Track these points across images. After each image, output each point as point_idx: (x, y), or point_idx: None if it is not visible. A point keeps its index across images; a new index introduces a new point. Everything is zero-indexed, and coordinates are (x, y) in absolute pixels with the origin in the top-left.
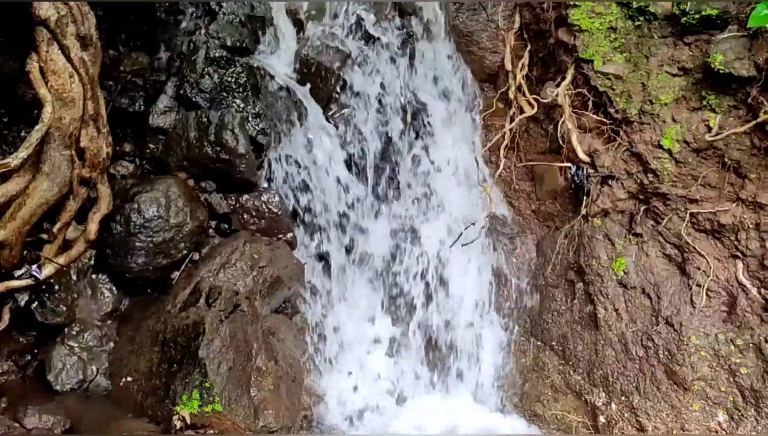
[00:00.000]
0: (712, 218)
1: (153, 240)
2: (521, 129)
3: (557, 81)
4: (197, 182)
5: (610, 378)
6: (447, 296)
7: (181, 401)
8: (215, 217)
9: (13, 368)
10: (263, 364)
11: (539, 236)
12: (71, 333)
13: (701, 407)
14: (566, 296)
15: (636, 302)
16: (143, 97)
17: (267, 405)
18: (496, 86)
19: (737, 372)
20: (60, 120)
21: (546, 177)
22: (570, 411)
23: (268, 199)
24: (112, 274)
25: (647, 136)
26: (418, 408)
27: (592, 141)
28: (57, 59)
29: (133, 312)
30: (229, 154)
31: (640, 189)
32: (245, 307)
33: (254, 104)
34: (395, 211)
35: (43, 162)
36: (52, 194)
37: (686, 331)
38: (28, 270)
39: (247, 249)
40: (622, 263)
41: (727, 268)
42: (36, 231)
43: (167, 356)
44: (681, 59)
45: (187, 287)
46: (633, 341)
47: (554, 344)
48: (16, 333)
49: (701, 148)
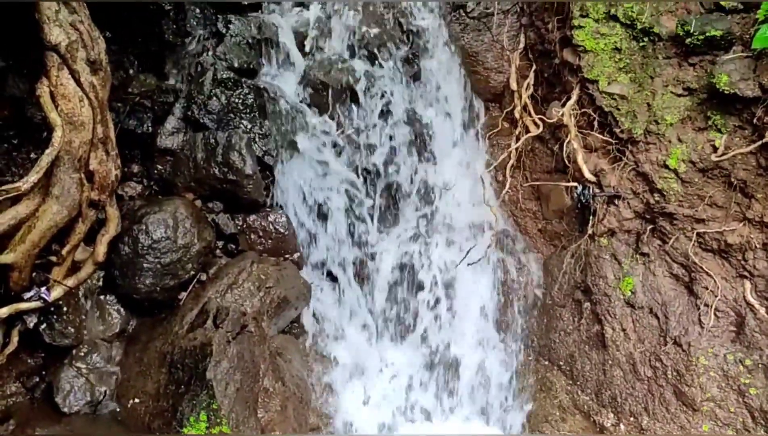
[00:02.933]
0: (719, 237)
1: (161, 261)
2: (527, 148)
3: (563, 101)
4: (204, 203)
5: (619, 399)
6: (453, 315)
7: (189, 423)
8: (222, 237)
9: (21, 389)
10: (270, 385)
11: (546, 255)
12: (79, 354)
13: (711, 428)
14: (573, 316)
15: (644, 322)
16: (151, 118)
17: (274, 426)
18: (501, 106)
19: (746, 393)
20: (70, 144)
21: (552, 196)
22: (578, 432)
23: (275, 220)
24: (120, 295)
25: (653, 156)
26: (425, 429)
27: (597, 161)
28: (67, 84)
29: (140, 333)
30: (236, 175)
31: (646, 209)
32: (252, 327)
33: (261, 125)
34: (401, 229)
35: (53, 185)
36: (62, 217)
37: (695, 351)
38: (37, 292)
39: (255, 269)
40: (630, 283)
41: (734, 288)
42: (45, 253)
43: (175, 377)
44: (686, 80)
45: (194, 307)
46: (641, 361)
47: (562, 364)
48: (25, 355)
49: (707, 168)
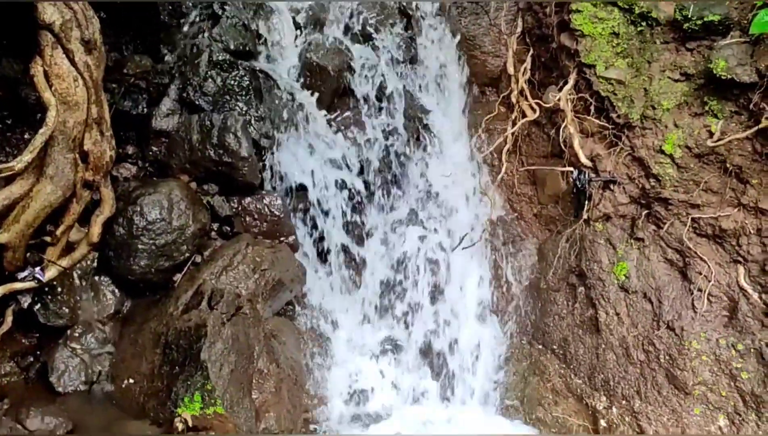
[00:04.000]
0: (714, 223)
1: (155, 242)
2: (523, 133)
3: (559, 85)
4: (200, 185)
5: (611, 382)
6: (448, 299)
7: (183, 404)
8: (217, 219)
9: (16, 369)
10: (265, 366)
11: (541, 239)
12: (74, 335)
13: (702, 411)
14: (567, 300)
15: (637, 307)
16: (146, 99)
17: (268, 408)
18: (498, 90)
19: (738, 377)
20: (64, 124)
21: (548, 181)
22: (571, 415)
23: (270, 202)
24: (115, 276)
25: (649, 141)
26: (419, 412)
27: (594, 145)
28: (61, 63)
29: (135, 314)
30: (231, 157)
31: (641, 194)
32: (247, 309)
33: (257, 108)
34: (397, 213)
35: (47, 165)
36: (56, 197)
37: (687, 335)
38: (31, 272)
39: (250, 252)
40: (624, 268)
41: (728, 273)
42: (39, 234)
43: (169, 358)
44: (683, 65)
45: (189, 289)
46: (634, 346)
47: (555, 348)
48: (19, 335)
49: (703, 154)
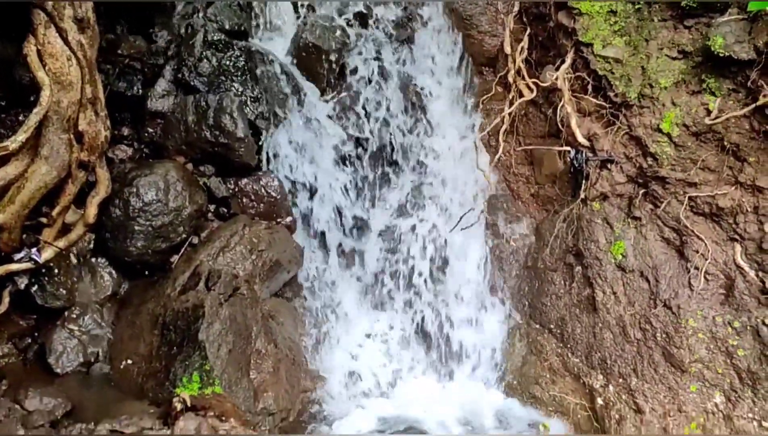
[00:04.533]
0: (711, 201)
1: (152, 224)
2: (520, 113)
3: (557, 65)
4: (196, 166)
5: (608, 360)
6: (445, 279)
7: (182, 384)
8: (214, 201)
9: (14, 350)
10: (263, 347)
11: (538, 219)
12: (71, 316)
13: (698, 388)
14: (565, 280)
15: (634, 285)
16: (141, 80)
17: (267, 387)
18: (495, 70)
19: (734, 354)
20: (58, 103)
21: (545, 161)
22: (568, 393)
23: (267, 183)
24: (112, 258)
25: (646, 120)
26: (417, 390)
27: (591, 125)
28: (54, 42)
29: (132, 296)
30: (227, 138)
31: (639, 173)
32: (245, 290)
33: (253, 88)
34: (394, 194)
35: (42, 146)
36: (51, 178)
37: (684, 314)
38: (27, 253)
39: (247, 233)
40: (621, 247)
41: (725, 251)
42: (35, 215)
43: (167, 339)
44: (681, 42)
45: (186, 270)
46: (631, 324)
47: (552, 327)
48: (16, 317)
49: (700, 132)
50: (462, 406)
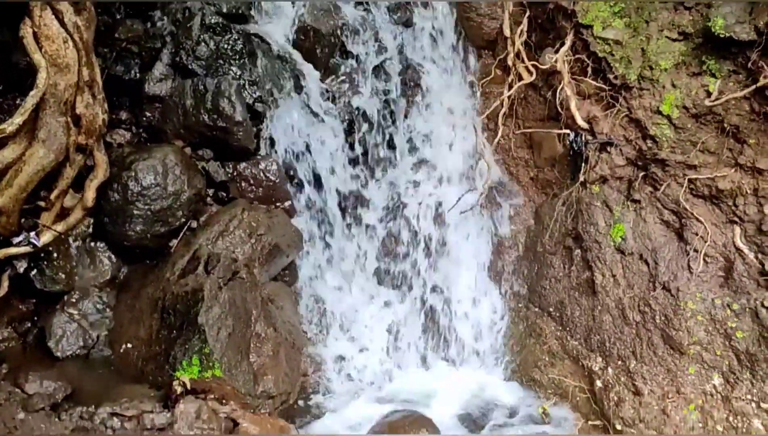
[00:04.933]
0: (711, 183)
1: (151, 208)
2: (520, 96)
3: (556, 47)
4: (194, 150)
5: (607, 343)
6: (445, 263)
7: (181, 367)
8: (213, 185)
9: (13, 334)
10: (262, 330)
11: (537, 203)
12: (71, 301)
13: (697, 370)
14: (564, 263)
15: (633, 268)
16: (138, 64)
17: (266, 371)
18: (494, 53)
19: (733, 336)
20: (55, 86)
21: (544, 144)
22: (567, 376)
23: (266, 167)
24: (111, 242)
25: (646, 102)
26: (416, 374)
27: (590, 108)
28: (51, 24)
29: (131, 280)
30: (226, 122)
31: (638, 155)
32: (244, 274)
33: (251, 72)
34: (392, 177)
35: (39, 129)
36: (49, 161)
37: (683, 296)
38: (26, 237)
39: (246, 217)
40: (620, 230)
41: (724, 233)
42: (33, 199)
43: (166, 322)
44: (681, 24)
45: (185, 254)
46: (630, 307)
47: (552, 310)
48: (16, 301)
49: (700, 114)
50: (461, 389)
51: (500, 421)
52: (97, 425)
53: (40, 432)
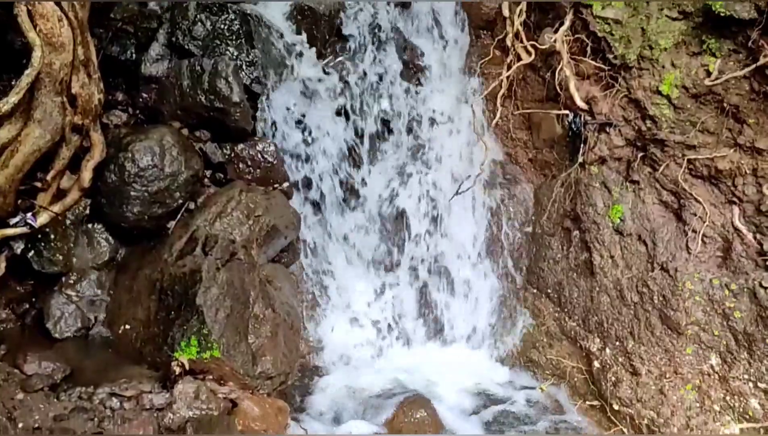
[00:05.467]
0: (710, 163)
1: (148, 189)
2: (518, 77)
3: (555, 27)
4: (191, 132)
5: (605, 324)
6: (442, 244)
7: (180, 348)
8: (210, 166)
9: (11, 316)
10: (261, 312)
11: (536, 184)
12: (69, 282)
13: (694, 350)
14: (562, 244)
15: (632, 249)
16: (134, 45)
17: (265, 352)
18: (493, 34)
19: (731, 316)
20: (50, 65)
21: (543, 125)
22: (565, 357)
23: (264, 149)
24: (108, 223)
25: (646, 82)
26: (414, 354)
27: (590, 88)
28: (45, 2)
29: (129, 261)
30: (223, 103)
31: (637, 136)
32: (242, 255)
33: (248, 52)
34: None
35: (35, 109)
36: (45, 141)
37: (681, 276)
38: (23, 218)
39: (243, 198)
40: (619, 210)
41: (723, 213)
42: (30, 180)
43: (165, 304)
44: (681, 2)
45: (183, 236)
46: (628, 288)
47: (550, 292)
48: (14, 282)
49: (700, 94)
50: (459, 370)
51: (498, 401)
52: (96, 405)
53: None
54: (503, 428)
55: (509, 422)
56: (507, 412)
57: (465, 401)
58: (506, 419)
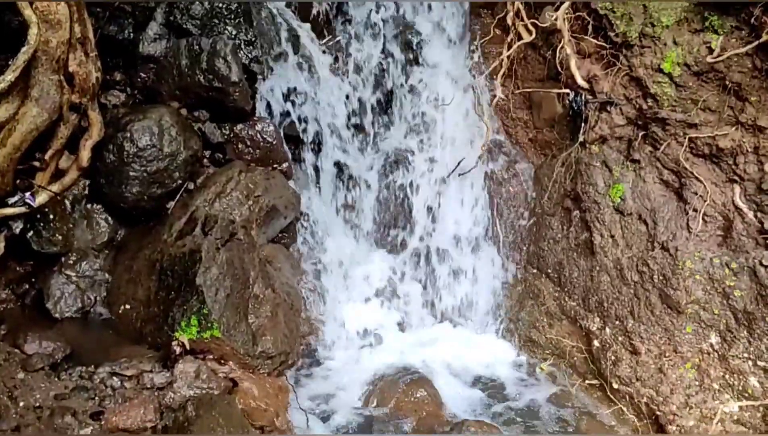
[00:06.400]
0: (711, 142)
1: (147, 169)
2: (519, 56)
3: (556, 5)
4: (190, 111)
5: (605, 303)
6: (444, 225)
7: (180, 328)
8: (209, 146)
9: (11, 296)
10: (260, 292)
11: (536, 164)
12: (68, 262)
13: (694, 329)
14: (562, 224)
15: (632, 228)
16: (132, 24)
17: (265, 331)
18: (493, 12)
19: (731, 295)
20: (47, 43)
21: (544, 105)
22: (565, 336)
23: (263, 129)
24: (107, 204)
25: (647, 60)
26: (416, 335)
27: (591, 66)
28: None
29: (129, 242)
30: (221, 83)
31: (638, 115)
32: (241, 235)
33: (247, 31)
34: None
35: (32, 87)
36: (42, 120)
37: (681, 255)
38: (21, 197)
39: (243, 178)
40: (619, 190)
41: (724, 192)
42: (28, 159)
43: (165, 284)
44: None
45: (182, 216)
46: (628, 267)
47: (550, 272)
48: (13, 263)
49: (702, 71)
50: (459, 351)
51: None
52: (96, 384)
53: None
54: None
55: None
56: (507, 392)
57: (466, 381)
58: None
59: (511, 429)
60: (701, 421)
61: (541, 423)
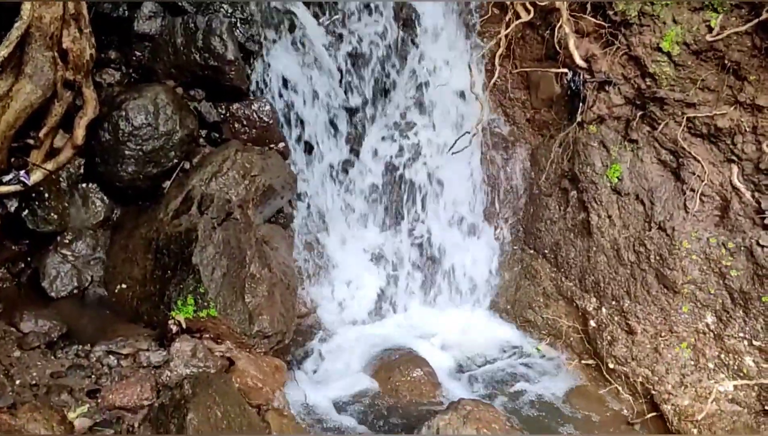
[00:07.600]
0: (709, 121)
1: (142, 148)
2: (517, 36)
3: None
4: (186, 90)
5: (602, 284)
6: (440, 204)
7: (176, 307)
8: (205, 126)
9: (7, 275)
10: (257, 271)
11: (534, 144)
12: (64, 241)
13: (690, 309)
14: (560, 205)
15: (629, 209)
16: (127, 1)
17: (262, 311)
18: None
19: (727, 275)
20: (40, 19)
21: (542, 85)
22: (561, 316)
23: (259, 108)
24: (103, 183)
25: (646, 39)
26: (412, 315)
27: (589, 46)
28: None
29: (125, 221)
30: (217, 61)
31: (637, 94)
32: (238, 215)
33: (243, 9)
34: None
35: (26, 64)
36: (36, 97)
37: (678, 235)
38: (16, 175)
39: (239, 158)
40: (617, 170)
41: (721, 172)
42: (23, 137)
43: (161, 263)
44: None
45: (178, 195)
46: (625, 247)
47: (547, 252)
48: (9, 241)
49: (701, 50)
50: (455, 330)
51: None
52: (93, 362)
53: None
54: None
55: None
56: (503, 372)
57: (461, 361)
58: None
59: (507, 408)
60: (696, 400)
61: (537, 403)
